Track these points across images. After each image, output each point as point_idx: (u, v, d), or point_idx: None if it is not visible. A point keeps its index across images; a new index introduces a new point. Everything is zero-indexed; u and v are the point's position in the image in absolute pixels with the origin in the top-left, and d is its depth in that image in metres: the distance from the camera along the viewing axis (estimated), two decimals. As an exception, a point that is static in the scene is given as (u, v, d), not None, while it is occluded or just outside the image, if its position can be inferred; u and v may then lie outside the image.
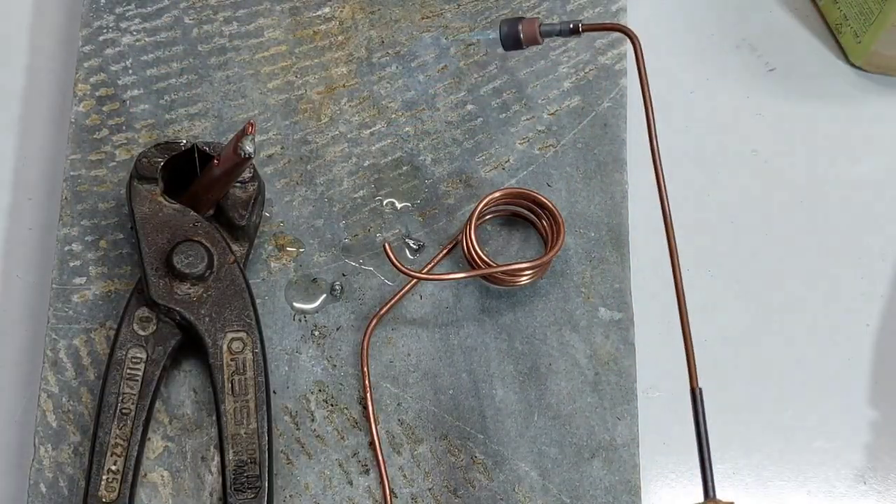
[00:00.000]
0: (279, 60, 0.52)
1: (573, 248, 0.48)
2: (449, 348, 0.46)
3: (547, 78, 0.52)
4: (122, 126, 0.50)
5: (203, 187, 0.45)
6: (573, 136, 0.51)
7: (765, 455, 0.47)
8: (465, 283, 0.48)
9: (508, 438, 0.45)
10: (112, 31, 0.52)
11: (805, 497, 0.46)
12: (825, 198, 0.53)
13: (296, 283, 0.47)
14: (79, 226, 0.47)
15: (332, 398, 0.45)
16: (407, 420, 0.45)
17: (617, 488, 0.44)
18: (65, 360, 0.45)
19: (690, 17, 0.57)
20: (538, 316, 0.47)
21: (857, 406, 0.48)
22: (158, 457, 0.44)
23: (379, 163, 0.50)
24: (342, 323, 0.47)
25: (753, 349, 0.49)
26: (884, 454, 0.47)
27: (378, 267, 0.48)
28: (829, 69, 0.56)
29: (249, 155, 0.41)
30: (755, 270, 0.51)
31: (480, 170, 0.50)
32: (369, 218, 0.49)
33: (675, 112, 0.54)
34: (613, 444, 0.45)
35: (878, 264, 0.51)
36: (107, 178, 0.48)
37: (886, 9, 0.52)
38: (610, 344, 0.47)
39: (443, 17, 0.54)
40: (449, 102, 0.51)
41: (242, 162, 0.41)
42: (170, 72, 0.51)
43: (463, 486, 0.44)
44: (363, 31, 0.53)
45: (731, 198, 0.52)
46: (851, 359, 0.49)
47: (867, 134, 0.55)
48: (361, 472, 0.44)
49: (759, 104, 0.55)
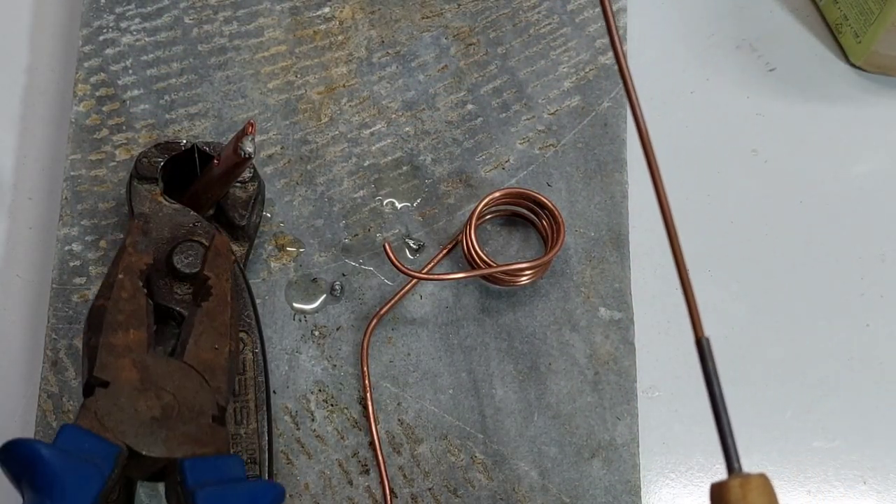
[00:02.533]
0: (279, 60, 0.52)
1: (573, 247, 0.48)
2: (449, 348, 0.46)
3: (547, 78, 0.52)
4: (122, 126, 0.50)
5: (203, 187, 0.45)
6: (573, 136, 0.51)
7: (765, 455, 0.47)
8: (465, 283, 0.48)
9: (508, 438, 0.45)
10: (112, 31, 0.52)
11: (805, 497, 0.46)
12: (825, 198, 0.53)
13: (296, 283, 0.47)
14: (79, 226, 0.47)
15: (332, 398, 0.45)
16: (407, 420, 0.45)
17: (617, 488, 0.44)
18: (65, 360, 0.45)
19: (690, 17, 0.57)
20: (538, 316, 0.47)
21: (857, 406, 0.48)
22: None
23: (379, 163, 0.50)
24: (342, 323, 0.47)
25: (753, 349, 0.49)
26: (884, 454, 0.47)
27: (378, 267, 0.48)
28: (829, 69, 0.56)
29: (249, 155, 0.41)
30: (755, 270, 0.51)
31: (480, 170, 0.50)
32: (369, 218, 0.49)
33: (675, 112, 0.54)
34: (613, 444, 0.45)
35: (878, 264, 0.51)
36: (107, 178, 0.48)
37: (886, 9, 0.52)
38: (610, 344, 0.47)
39: (443, 17, 0.54)
40: (449, 102, 0.52)
41: (242, 162, 0.41)
42: (170, 72, 0.51)
43: (463, 485, 0.44)
44: (363, 30, 0.53)
45: (731, 198, 0.52)
46: (851, 359, 0.49)
47: (867, 134, 0.55)
48: (361, 472, 0.44)
49: (759, 104, 0.55)
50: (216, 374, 0.40)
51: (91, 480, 0.33)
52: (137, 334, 0.39)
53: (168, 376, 0.39)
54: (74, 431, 0.35)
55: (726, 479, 0.33)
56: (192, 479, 0.35)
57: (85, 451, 0.35)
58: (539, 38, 0.54)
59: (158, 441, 0.37)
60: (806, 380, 0.49)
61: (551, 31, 0.54)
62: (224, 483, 0.36)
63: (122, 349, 0.39)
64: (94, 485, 0.33)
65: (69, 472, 0.33)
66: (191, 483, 0.35)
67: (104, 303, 0.40)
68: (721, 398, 0.34)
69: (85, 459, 0.34)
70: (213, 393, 0.39)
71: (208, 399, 0.39)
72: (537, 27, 0.54)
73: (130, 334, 0.39)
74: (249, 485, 0.37)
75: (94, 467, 0.34)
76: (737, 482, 0.32)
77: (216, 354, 0.40)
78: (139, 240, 0.42)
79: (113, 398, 0.37)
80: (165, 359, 0.39)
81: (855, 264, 0.51)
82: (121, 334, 0.39)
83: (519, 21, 0.54)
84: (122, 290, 0.40)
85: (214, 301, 0.41)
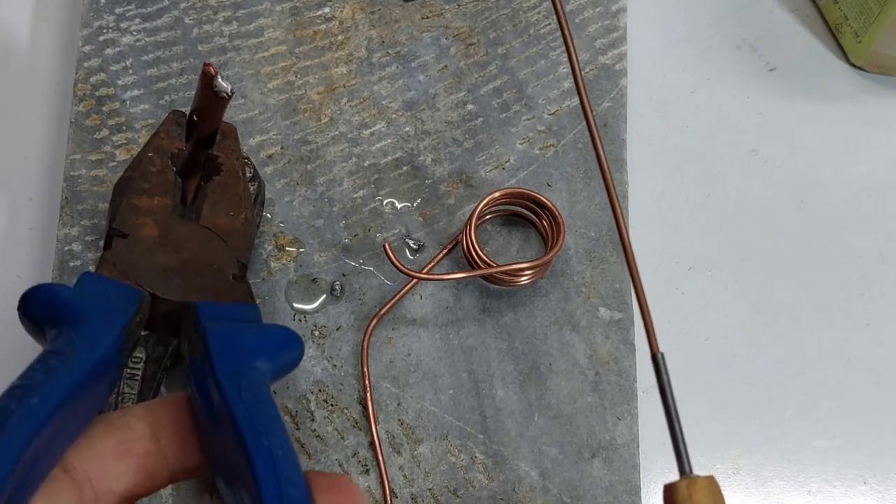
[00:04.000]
0: (279, 60, 0.52)
1: (573, 248, 0.48)
2: (449, 348, 0.46)
3: (547, 78, 0.52)
4: (122, 126, 0.50)
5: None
6: (573, 136, 0.51)
7: (765, 455, 0.47)
8: (465, 283, 0.48)
9: (508, 438, 0.45)
10: (112, 31, 0.52)
11: (805, 497, 0.46)
12: (825, 198, 0.53)
13: (296, 283, 0.47)
14: (79, 226, 0.47)
15: (332, 398, 0.45)
16: (407, 420, 0.45)
17: (617, 488, 0.44)
18: (65, 360, 0.45)
19: (690, 17, 0.58)
20: (538, 316, 0.47)
21: (857, 406, 0.48)
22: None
23: (379, 163, 0.50)
24: (342, 323, 0.47)
25: (753, 349, 0.49)
26: (884, 454, 0.47)
27: (378, 267, 0.48)
28: (829, 69, 0.56)
29: (229, 93, 0.39)
30: (755, 270, 0.51)
31: (480, 170, 0.50)
32: (369, 218, 0.49)
33: (675, 112, 0.54)
34: (613, 444, 0.45)
35: (878, 264, 0.51)
36: (107, 178, 0.48)
37: (886, 9, 0.52)
38: (610, 344, 0.47)
39: (443, 17, 0.54)
40: (449, 102, 0.51)
41: (225, 101, 0.40)
42: (170, 72, 0.51)
43: (463, 486, 0.44)
44: (363, 31, 0.53)
45: (731, 198, 0.52)
46: (851, 359, 0.49)
47: (867, 134, 0.55)
48: (361, 472, 0.44)
49: (759, 104, 0.55)
50: (233, 236, 0.40)
51: (115, 316, 0.32)
52: (162, 201, 0.40)
53: (188, 237, 0.39)
54: (94, 278, 0.35)
55: (676, 481, 0.35)
56: (205, 318, 0.33)
57: (105, 294, 0.34)
58: (539, 39, 0.54)
59: (175, 287, 0.37)
60: (806, 380, 0.49)
61: (551, 32, 0.54)
62: (237, 322, 0.34)
63: (145, 210, 0.39)
64: (119, 319, 0.32)
65: (93, 308, 0.32)
66: (203, 321, 0.33)
67: (132, 174, 0.40)
68: (674, 409, 0.37)
69: (107, 300, 0.33)
70: (231, 252, 0.40)
71: (228, 258, 0.39)
72: (537, 27, 0.54)
73: (155, 200, 0.40)
74: (263, 326, 0.35)
75: (116, 305, 0.33)
76: (684, 483, 0.35)
77: (232, 220, 0.41)
78: (172, 128, 0.43)
79: (131, 248, 0.37)
80: (187, 223, 0.40)
81: (855, 264, 0.51)
82: (145, 198, 0.39)
83: (519, 21, 0.54)
84: (151, 165, 0.41)
85: (226, 176, 0.42)
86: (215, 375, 0.30)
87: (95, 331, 0.31)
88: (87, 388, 0.29)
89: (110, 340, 0.31)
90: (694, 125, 0.54)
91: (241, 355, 0.31)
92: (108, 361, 0.31)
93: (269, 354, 0.32)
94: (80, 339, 0.30)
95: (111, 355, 0.31)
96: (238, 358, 0.31)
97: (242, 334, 0.32)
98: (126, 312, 0.33)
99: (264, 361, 0.32)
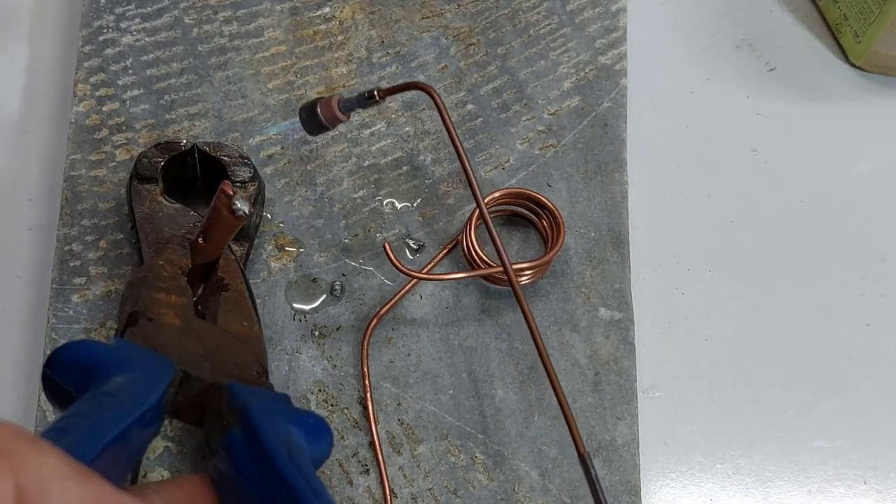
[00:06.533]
0: (279, 60, 0.52)
1: (573, 248, 0.48)
2: (449, 348, 0.46)
3: (547, 78, 0.52)
4: (122, 126, 0.50)
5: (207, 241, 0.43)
6: (573, 136, 0.51)
7: (765, 455, 0.47)
8: (465, 283, 0.48)
9: (509, 438, 0.45)
10: (112, 31, 0.52)
11: (805, 497, 0.46)
12: (825, 198, 0.53)
13: (296, 283, 0.47)
14: (79, 226, 0.47)
15: (332, 398, 0.45)
16: (407, 420, 0.45)
17: (617, 488, 0.44)
18: (65, 360, 0.45)
19: (690, 17, 0.58)
20: (538, 316, 0.47)
21: (858, 406, 0.48)
22: (159, 457, 0.43)
23: (379, 163, 0.50)
24: (342, 323, 0.47)
25: (753, 349, 0.49)
26: (884, 454, 0.47)
27: (378, 267, 0.48)
28: (829, 69, 0.56)
29: (246, 213, 0.40)
30: (755, 270, 0.51)
31: (480, 170, 0.50)
32: (369, 218, 0.49)
33: (675, 112, 0.54)
34: (613, 444, 0.45)
35: (878, 264, 0.51)
36: (107, 178, 0.48)
37: (886, 9, 0.52)
38: (610, 344, 0.47)
39: (443, 17, 0.54)
40: (449, 102, 0.51)
41: (240, 220, 0.40)
42: (170, 72, 0.51)
43: (463, 486, 0.44)
44: (363, 31, 0.53)
45: (731, 198, 0.52)
46: (851, 359, 0.49)
47: (867, 134, 0.55)
48: (361, 472, 0.44)
49: (759, 104, 0.55)
50: (251, 342, 0.40)
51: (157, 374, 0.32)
52: (179, 299, 0.39)
53: (210, 333, 0.38)
54: (127, 343, 0.34)
55: None
56: (241, 395, 0.32)
57: (142, 357, 0.33)
58: (539, 39, 0.54)
59: (206, 370, 0.35)
60: (806, 380, 0.48)
61: (551, 32, 0.54)
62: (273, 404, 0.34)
63: (165, 303, 0.38)
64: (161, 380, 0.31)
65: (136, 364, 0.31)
66: (240, 397, 0.32)
67: (146, 274, 0.40)
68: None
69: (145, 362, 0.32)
70: (252, 354, 0.39)
71: (250, 356, 0.38)
72: (537, 27, 0.54)
73: (172, 297, 0.39)
74: (298, 410, 0.35)
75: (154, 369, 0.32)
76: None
77: (246, 329, 0.40)
78: (178, 248, 0.42)
79: (158, 329, 0.36)
80: (205, 322, 0.39)
81: (855, 264, 0.51)
82: (164, 294, 0.39)
83: (519, 21, 0.54)
84: (164, 271, 0.40)
85: (232, 293, 0.42)
86: (263, 443, 0.30)
87: (142, 381, 0.31)
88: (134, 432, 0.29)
89: (157, 394, 0.31)
90: (694, 125, 0.54)
91: (284, 427, 0.32)
92: (153, 415, 0.30)
93: (306, 437, 0.33)
94: (128, 386, 0.30)
95: (155, 409, 0.31)
96: (283, 429, 0.31)
97: (282, 413, 0.33)
98: (164, 377, 0.32)
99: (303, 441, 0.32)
